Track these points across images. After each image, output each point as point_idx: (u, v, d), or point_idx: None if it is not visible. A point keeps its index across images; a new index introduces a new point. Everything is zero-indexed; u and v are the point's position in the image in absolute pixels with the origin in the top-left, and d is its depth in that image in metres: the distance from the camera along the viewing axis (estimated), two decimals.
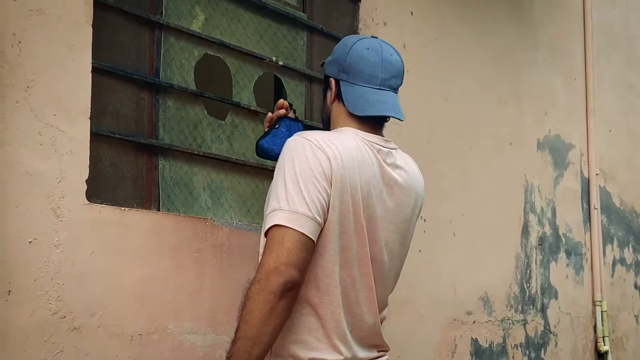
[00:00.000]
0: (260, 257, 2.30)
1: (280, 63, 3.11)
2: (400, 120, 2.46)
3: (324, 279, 2.23)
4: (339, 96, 2.43)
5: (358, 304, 2.30)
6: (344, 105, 2.41)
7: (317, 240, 2.18)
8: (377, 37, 2.50)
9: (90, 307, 2.34)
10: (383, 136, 2.44)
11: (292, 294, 2.11)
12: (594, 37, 5.26)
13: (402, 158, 2.46)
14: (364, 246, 2.29)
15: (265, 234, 2.15)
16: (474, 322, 3.94)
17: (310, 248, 2.15)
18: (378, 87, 2.43)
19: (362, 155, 2.30)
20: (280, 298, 2.07)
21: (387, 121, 2.47)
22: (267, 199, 2.34)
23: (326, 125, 2.52)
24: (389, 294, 2.45)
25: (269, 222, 2.14)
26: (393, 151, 2.43)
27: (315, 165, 2.19)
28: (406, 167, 2.46)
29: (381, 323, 2.42)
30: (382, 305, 2.42)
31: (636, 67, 5.93)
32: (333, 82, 2.44)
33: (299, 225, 2.11)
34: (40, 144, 2.25)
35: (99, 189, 2.49)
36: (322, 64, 2.54)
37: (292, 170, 2.17)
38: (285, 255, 2.08)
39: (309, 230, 2.13)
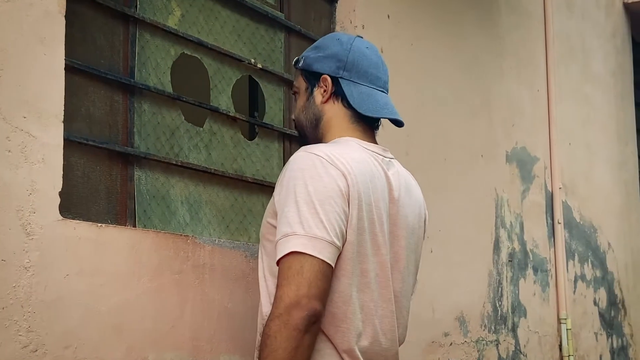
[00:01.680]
0: (262, 285, 2.07)
1: (259, 66, 2.85)
2: (401, 127, 2.30)
3: (340, 305, 1.98)
4: (336, 95, 2.19)
5: (383, 332, 2.07)
6: (345, 106, 2.19)
7: (336, 262, 1.95)
8: (362, 37, 2.29)
9: (64, 339, 2.03)
10: (378, 144, 2.22)
11: (316, 327, 1.88)
12: (555, 46, 5.13)
13: (400, 168, 2.25)
14: (382, 267, 2.06)
15: (277, 262, 1.90)
16: (451, 343, 3.72)
17: (330, 276, 1.91)
18: (381, 89, 2.23)
19: (371, 169, 2.08)
20: (305, 333, 1.83)
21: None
22: (264, 221, 2.10)
23: (310, 128, 2.25)
24: (407, 317, 2.21)
25: (282, 250, 1.89)
26: (393, 161, 2.22)
27: (330, 183, 1.95)
28: (406, 177, 2.25)
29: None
30: (403, 331, 2.19)
31: (591, 79, 5.85)
32: (329, 79, 2.19)
33: (318, 252, 1.87)
34: (9, 151, 1.95)
35: (70, 203, 2.19)
36: (296, 62, 2.28)
37: (305, 190, 1.93)
38: (306, 286, 1.84)
39: (329, 257, 1.89)
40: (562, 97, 5.25)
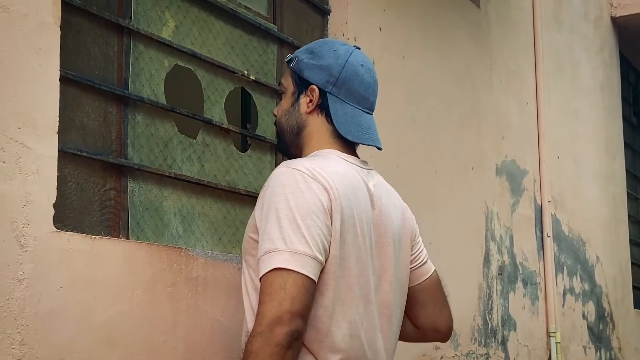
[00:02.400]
0: (245, 300, 2.06)
1: (252, 78, 2.85)
2: (380, 150, 2.28)
3: (325, 320, 1.97)
4: (321, 109, 2.18)
5: (369, 345, 2.07)
6: (329, 122, 2.17)
7: (320, 277, 1.94)
8: (359, 48, 2.26)
9: (57, 352, 2.01)
10: (358, 157, 2.23)
11: (298, 343, 1.86)
12: (544, 59, 5.15)
13: (380, 178, 2.25)
14: (367, 280, 2.06)
15: (260, 279, 1.89)
16: (442, 357, 3.72)
17: (313, 291, 1.90)
18: (367, 110, 2.22)
19: (352, 181, 2.08)
20: (287, 349, 1.81)
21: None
22: (246, 236, 2.08)
23: (290, 134, 2.23)
24: (397, 331, 2.20)
25: (265, 266, 1.88)
26: (372, 172, 2.22)
27: (312, 198, 1.94)
28: (387, 187, 2.26)
29: None
30: (393, 343, 2.18)
31: (580, 93, 5.87)
32: (317, 91, 2.17)
33: (301, 267, 1.86)
34: (3, 162, 1.93)
35: (64, 215, 2.17)
36: (289, 60, 2.24)
37: (287, 206, 1.92)
38: (289, 302, 1.82)
39: (311, 271, 1.88)
40: (551, 110, 5.26)
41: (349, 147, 2.21)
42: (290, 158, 2.22)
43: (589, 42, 6.14)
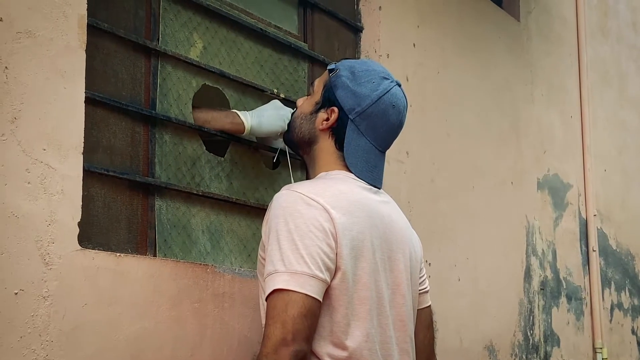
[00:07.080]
0: (264, 321, 2.10)
1: (282, 95, 2.88)
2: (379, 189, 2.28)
3: (340, 335, 2.01)
4: (332, 132, 2.23)
5: (386, 357, 2.09)
6: (337, 147, 2.23)
7: (330, 294, 1.98)
8: (401, 85, 2.28)
9: None
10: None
11: None
12: (589, 72, 5.11)
13: (389, 197, 2.30)
14: (380, 293, 2.09)
15: (266, 301, 1.95)
16: None
17: (317, 310, 1.94)
18: (381, 149, 2.25)
19: (360, 199, 2.12)
20: None
21: None
22: (259, 257, 2.15)
23: (301, 142, 2.31)
24: (414, 345, 2.22)
25: (267, 288, 1.94)
26: (381, 191, 2.26)
27: (310, 218, 1.98)
28: (393, 203, 2.29)
29: None
30: (410, 357, 2.20)
31: (628, 104, 5.80)
32: (336, 115, 2.21)
33: (300, 286, 1.91)
34: (29, 183, 1.99)
35: (90, 233, 2.23)
36: (332, 69, 2.27)
37: (285, 228, 1.97)
38: (291, 323, 1.87)
39: (312, 290, 1.92)
40: (597, 123, 5.21)
41: None
42: (295, 152, 2.39)
43: (637, 52, 6.07)
